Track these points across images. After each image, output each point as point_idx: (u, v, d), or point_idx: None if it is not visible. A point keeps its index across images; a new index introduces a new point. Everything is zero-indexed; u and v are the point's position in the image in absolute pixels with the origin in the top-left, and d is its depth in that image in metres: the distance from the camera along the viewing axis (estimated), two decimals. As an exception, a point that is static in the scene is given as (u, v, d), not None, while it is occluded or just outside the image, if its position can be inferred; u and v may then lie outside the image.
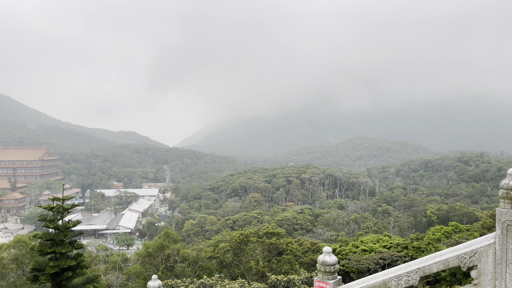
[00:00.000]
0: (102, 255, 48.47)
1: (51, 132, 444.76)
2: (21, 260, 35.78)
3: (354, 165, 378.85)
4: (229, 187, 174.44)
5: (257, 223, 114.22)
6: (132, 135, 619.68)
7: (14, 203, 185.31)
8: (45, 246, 18.33)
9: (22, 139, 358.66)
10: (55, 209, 19.02)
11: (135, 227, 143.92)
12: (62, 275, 18.09)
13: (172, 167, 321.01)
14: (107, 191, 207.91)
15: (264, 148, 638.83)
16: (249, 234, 42.17)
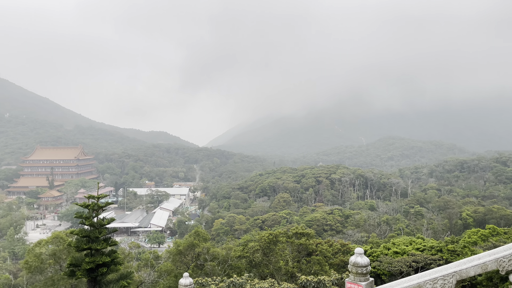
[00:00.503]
0: (135, 252, 49.62)
1: (86, 132, 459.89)
2: (59, 256, 37.11)
3: (385, 166, 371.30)
4: (258, 187, 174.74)
5: (286, 223, 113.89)
6: (163, 135, 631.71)
7: (52, 201, 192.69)
8: (81, 243, 18.96)
9: (59, 139, 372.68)
10: (91, 207, 19.63)
11: (166, 225, 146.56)
12: (97, 271, 18.66)
13: (202, 167, 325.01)
14: (139, 189, 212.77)
15: (293, 148, 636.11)
16: (278, 234, 42.07)
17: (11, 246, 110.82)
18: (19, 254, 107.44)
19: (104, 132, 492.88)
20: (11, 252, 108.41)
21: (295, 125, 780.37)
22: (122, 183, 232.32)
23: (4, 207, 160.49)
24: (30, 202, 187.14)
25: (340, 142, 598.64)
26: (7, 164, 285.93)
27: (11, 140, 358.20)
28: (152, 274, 40.64)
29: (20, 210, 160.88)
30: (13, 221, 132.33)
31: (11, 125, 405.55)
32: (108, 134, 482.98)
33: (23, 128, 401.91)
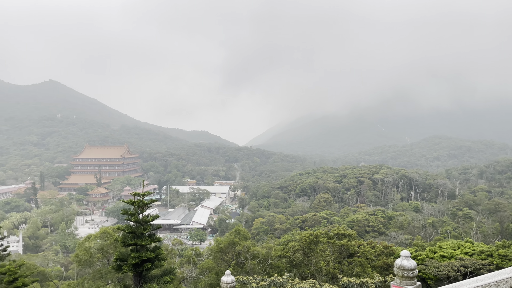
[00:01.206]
0: (177, 249, 50.79)
1: (131, 132, 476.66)
2: (106, 250, 38.66)
3: (431, 166, 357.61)
4: (298, 186, 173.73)
5: (326, 223, 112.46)
6: (204, 135, 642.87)
7: (100, 197, 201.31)
8: (127, 238, 19.62)
9: (106, 138, 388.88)
10: (136, 204, 20.26)
11: (207, 223, 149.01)
12: (142, 266, 19.25)
13: (242, 166, 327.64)
14: (181, 187, 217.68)
15: (334, 147, 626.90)
16: (319, 235, 41.59)
17: (62, 240, 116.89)
18: (70, 247, 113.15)
19: (149, 131, 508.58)
20: (63, 246, 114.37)
21: (336, 124, 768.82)
22: (165, 181, 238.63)
23: (56, 202, 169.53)
24: (80, 199, 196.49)
25: (383, 142, 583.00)
26: (59, 162, 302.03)
27: (63, 139, 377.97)
28: (194, 271, 41.41)
29: (71, 206, 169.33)
30: (65, 216, 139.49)
31: (63, 125, 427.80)
32: (152, 134, 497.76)
33: (73, 128, 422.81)
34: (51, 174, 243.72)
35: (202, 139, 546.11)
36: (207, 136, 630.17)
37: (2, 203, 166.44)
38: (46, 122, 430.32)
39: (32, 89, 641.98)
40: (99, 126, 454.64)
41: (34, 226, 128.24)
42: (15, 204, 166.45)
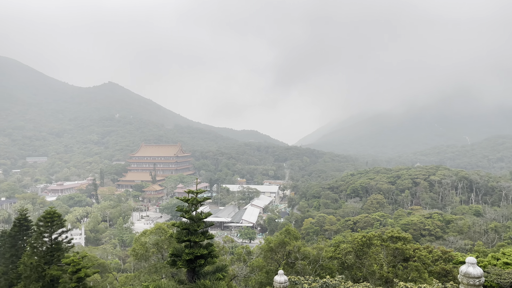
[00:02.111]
0: (228, 247, 51.52)
1: (184, 131, 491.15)
2: (161, 245, 40.02)
3: (494, 168, 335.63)
4: (349, 187, 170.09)
5: (379, 225, 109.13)
6: (253, 134, 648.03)
7: (154, 194, 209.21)
8: (182, 235, 20.10)
9: (160, 137, 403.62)
10: (190, 201, 20.71)
11: (257, 221, 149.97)
12: (196, 262, 19.63)
13: (291, 165, 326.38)
14: (231, 186, 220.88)
15: (387, 147, 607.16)
16: (372, 237, 40.38)
17: (120, 234, 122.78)
18: (126, 241, 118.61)
19: (200, 131, 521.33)
20: (120, 239, 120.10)
21: (390, 123, 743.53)
22: (216, 180, 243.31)
23: (114, 198, 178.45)
24: (136, 195, 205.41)
25: (441, 142, 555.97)
26: (117, 160, 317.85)
27: (121, 138, 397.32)
28: (244, 269, 41.77)
29: (127, 202, 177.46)
30: (122, 212, 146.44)
31: (120, 124, 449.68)
32: (204, 133, 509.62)
33: (130, 127, 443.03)
34: (110, 171, 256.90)
35: (252, 138, 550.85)
36: (257, 135, 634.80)
37: (67, 198, 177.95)
38: (105, 122, 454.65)
39: (93, 91, 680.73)
40: (154, 126, 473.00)
41: (95, 220, 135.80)
42: (78, 199, 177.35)
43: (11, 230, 55.07)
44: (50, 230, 35.80)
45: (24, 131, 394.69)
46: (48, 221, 35.48)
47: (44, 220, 35.70)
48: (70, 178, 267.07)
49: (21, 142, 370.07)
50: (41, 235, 35.85)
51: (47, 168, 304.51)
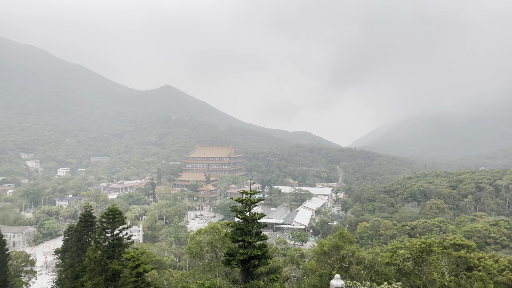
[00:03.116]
0: (281, 248, 51.39)
1: (237, 133, 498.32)
2: (215, 245, 40.79)
3: None
4: (406, 191, 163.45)
5: (439, 232, 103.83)
6: (306, 135, 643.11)
7: (208, 194, 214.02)
8: (236, 235, 20.28)
9: (214, 138, 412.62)
10: (244, 202, 20.85)
11: (309, 224, 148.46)
12: (250, 263, 19.72)
13: (344, 167, 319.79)
14: (283, 187, 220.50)
15: (447, 149, 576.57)
16: (432, 244, 38.44)
17: (175, 232, 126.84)
18: (181, 239, 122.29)
19: (252, 132, 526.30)
20: (176, 237, 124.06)
21: (452, 124, 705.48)
22: (267, 181, 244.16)
23: (170, 197, 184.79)
24: (191, 195, 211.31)
25: (508, 144, 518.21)
26: (173, 160, 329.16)
27: (177, 139, 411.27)
28: (297, 271, 41.42)
29: (183, 201, 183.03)
30: (178, 211, 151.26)
31: (177, 126, 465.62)
32: (256, 134, 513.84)
33: (185, 129, 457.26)
34: (166, 171, 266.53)
35: (304, 140, 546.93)
36: (309, 137, 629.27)
37: (126, 196, 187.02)
38: (162, 123, 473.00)
39: (152, 94, 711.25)
40: (208, 127, 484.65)
41: (152, 218, 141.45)
42: (137, 197, 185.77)
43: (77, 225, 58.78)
44: (112, 227, 37.70)
45: (89, 133, 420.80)
46: (110, 218, 37.36)
47: (107, 216, 37.66)
48: (130, 177, 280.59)
49: (86, 143, 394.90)
50: (104, 231, 37.84)
51: (109, 167, 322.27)
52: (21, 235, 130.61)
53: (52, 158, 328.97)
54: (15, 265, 70.73)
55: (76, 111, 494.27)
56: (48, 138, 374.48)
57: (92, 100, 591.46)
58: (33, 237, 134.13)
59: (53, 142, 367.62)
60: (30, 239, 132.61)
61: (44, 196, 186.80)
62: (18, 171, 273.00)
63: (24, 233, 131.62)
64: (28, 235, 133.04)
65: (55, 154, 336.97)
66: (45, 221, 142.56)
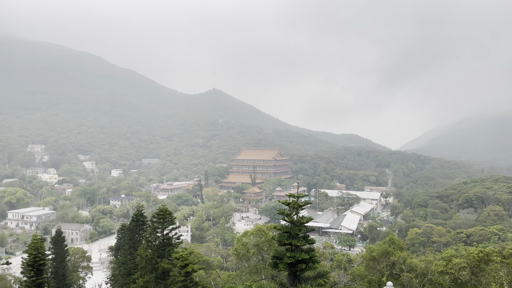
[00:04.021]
0: (328, 253, 50.57)
1: (282, 135, 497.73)
2: (261, 247, 40.84)
3: None
4: (461, 196, 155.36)
5: (497, 240, 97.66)
6: (353, 138, 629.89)
7: (254, 196, 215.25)
8: (283, 238, 20.24)
9: (260, 141, 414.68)
10: (291, 205, 20.76)
11: (357, 229, 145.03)
12: (297, 266, 19.57)
13: (394, 171, 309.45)
14: (330, 191, 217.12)
15: (508, 153, 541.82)
16: (490, 252, 36.25)
17: (222, 233, 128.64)
18: (228, 240, 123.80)
19: (298, 135, 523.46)
20: (222, 238, 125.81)
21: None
22: (314, 184, 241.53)
23: (217, 199, 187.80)
24: (237, 196, 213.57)
25: None
26: (220, 162, 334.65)
27: (223, 142, 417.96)
28: (345, 277, 40.53)
29: (229, 203, 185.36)
30: (224, 212, 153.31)
31: (223, 129, 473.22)
32: (302, 137, 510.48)
33: (232, 131, 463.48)
34: (213, 173, 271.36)
35: (351, 142, 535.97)
36: (357, 139, 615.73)
37: (175, 197, 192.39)
38: (210, 126, 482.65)
39: (199, 97, 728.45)
40: (254, 130, 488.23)
41: (200, 219, 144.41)
42: (185, 198, 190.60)
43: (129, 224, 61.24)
44: (163, 226, 38.86)
45: (140, 135, 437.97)
46: (160, 218, 38.53)
47: (157, 216, 38.90)
48: (179, 179, 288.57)
49: (138, 145, 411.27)
50: (155, 230, 39.09)
51: (159, 169, 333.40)
52: (78, 232, 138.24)
53: (107, 160, 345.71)
54: (73, 260, 74.78)
55: (128, 115, 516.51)
56: (103, 140, 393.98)
57: (144, 104, 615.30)
58: (89, 234, 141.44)
59: (108, 144, 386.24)
60: (87, 236, 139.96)
61: (99, 196, 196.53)
62: (76, 172, 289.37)
63: (81, 231, 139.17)
64: (85, 232, 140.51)
65: (109, 156, 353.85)
66: (100, 220, 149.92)
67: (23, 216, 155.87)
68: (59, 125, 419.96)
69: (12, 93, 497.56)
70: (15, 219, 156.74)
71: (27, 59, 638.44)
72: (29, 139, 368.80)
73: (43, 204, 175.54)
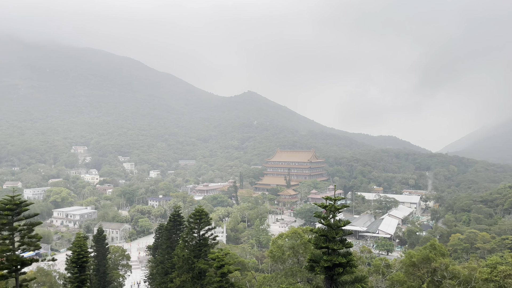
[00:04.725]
0: (365, 257, 49.49)
1: (318, 137, 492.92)
2: (296, 250, 40.56)
3: None
4: (507, 201, 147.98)
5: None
6: (391, 140, 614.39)
7: (288, 198, 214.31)
8: (320, 241, 19.98)
9: (294, 143, 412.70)
10: (328, 208, 20.46)
11: (395, 233, 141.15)
12: (334, 270, 19.25)
13: (435, 174, 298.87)
14: (367, 194, 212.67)
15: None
16: (541, 262, 34.15)
17: (257, 235, 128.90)
18: (263, 242, 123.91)
19: (334, 136, 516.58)
20: (257, 240, 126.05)
21: None
22: (350, 187, 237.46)
23: (252, 200, 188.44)
24: (272, 198, 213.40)
25: None
26: (254, 164, 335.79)
27: (258, 143, 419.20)
28: (383, 282, 39.52)
29: (264, 205, 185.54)
30: (259, 214, 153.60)
31: (258, 131, 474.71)
32: (338, 139, 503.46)
33: (266, 133, 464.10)
34: (248, 174, 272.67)
35: (389, 144, 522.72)
36: (395, 141, 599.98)
37: (211, 198, 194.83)
38: (244, 128, 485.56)
39: (234, 100, 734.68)
40: (289, 132, 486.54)
41: (235, 220, 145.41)
42: (220, 199, 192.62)
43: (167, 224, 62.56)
44: (199, 227, 39.40)
45: (177, 137, 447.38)
46: (197, 218, 39.08)
47: (194, 217, 39.48)
48: (214, 180, 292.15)
49: (175, 147, 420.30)
50: (191, 230, 39.70)
51: (195, 170, 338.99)
52: (118, 231, 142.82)
53: (145, 161, 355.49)
54: (113, 258, 77.26)
55: (166, 117, 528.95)
56: (142, 142, 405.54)
57: (181, 106, 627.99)
58: (128, 233, 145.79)
59: (146, 146, 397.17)
60: (126, 235, 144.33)
61: (138, 196, 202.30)
62: (116, 173, 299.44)
63: (121, 230, 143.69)
64: (124, 231, 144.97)
65: (147, 157, 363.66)
66: (139, 219, 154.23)
67: (67, 214, 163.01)
68: (101, 127, 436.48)
69: (57, 97, 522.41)
70: (60, 218, 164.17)
71: (72, 64, 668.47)
72: (73, 141, 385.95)
73: (86, 203, 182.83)
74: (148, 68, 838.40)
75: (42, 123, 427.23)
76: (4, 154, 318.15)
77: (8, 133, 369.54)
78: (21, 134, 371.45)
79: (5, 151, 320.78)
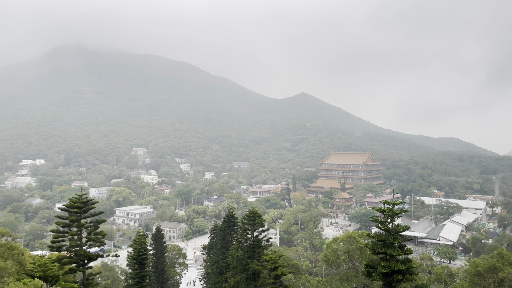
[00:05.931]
0: (426, 265, 47.22)
1: (374, 139, 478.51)
2: (352, 254, 39.58)
3: None
4: None
5: None
6: (454, 142, 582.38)
7: (343, 202, 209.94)
8: (377, 246, 19.30)
9: (349, 145, 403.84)
10: (386, 212, 19.73)
11: (458, 240, 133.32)
12: (392, 277, 18.50)
13: (502, 178, 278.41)
14: (426, 199, 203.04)
15: None
16: None
17: (310, 238, 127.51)
18: (316, 246, 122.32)
19: (391, 138, 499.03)
20: (310, 243, 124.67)
21: None
22: (408, 191, 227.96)
23: (305, 203, 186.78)
24: (325, 201, 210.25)
25: None
26: (308, 167, 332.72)
27: (311, 146, 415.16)
28: (445, 292, 37.44)
29: (317, 208, 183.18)
30: (312, 217, 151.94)
31: (311, 133, 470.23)
32: (395, 141, 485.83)
33: (320, 135, 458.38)
34: (301, 177, 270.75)
35: (451, 146, 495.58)
36: (458, 143, 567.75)
37: (264, 200, 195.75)
38: (297, 130, 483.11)
39: (287, 102, 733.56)
40: (343, 134, 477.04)
41: (288, 222, 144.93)
42: (273, 201, 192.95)
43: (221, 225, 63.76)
44: (253, 228, 39.72)
45: (231, 139, 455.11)
46: (251, 220, 39.41)
47: (248, 218, 39.86)
48: (267, 182, 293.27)
49: (228, 149, 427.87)
50: (245, 231, 40.10)
51: (248, 172, 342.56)
52: (175, 230, 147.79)
53: (200, 162, 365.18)
54: (170, 256, 79.98)
55: (220, 120, 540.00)
56: (197, 144, 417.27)
57: (234, 109, 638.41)
58: (185, 232, 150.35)
59: (201, 148, 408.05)
60: (182, 234, 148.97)
61: (193, 196, 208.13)
62: (173, 173, 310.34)
63: (178, 229, 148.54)
64: (181, 230, 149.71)
65: (202, 159, 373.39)
66: (194, 219, 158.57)
67: (128, 213, 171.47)
68: (159, 130, 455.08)
69: (119, 102, 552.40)
70: (121, 216, 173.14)
71: (132, 70, 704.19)
72: (133, 143, 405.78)
73: (145, 203, 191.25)
74: (203, 72, 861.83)
75: (105, 126, 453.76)
76: (73, 156, 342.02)
77: (76, 135, 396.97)
78: (87, 137, 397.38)
79: (73, 153, 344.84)
